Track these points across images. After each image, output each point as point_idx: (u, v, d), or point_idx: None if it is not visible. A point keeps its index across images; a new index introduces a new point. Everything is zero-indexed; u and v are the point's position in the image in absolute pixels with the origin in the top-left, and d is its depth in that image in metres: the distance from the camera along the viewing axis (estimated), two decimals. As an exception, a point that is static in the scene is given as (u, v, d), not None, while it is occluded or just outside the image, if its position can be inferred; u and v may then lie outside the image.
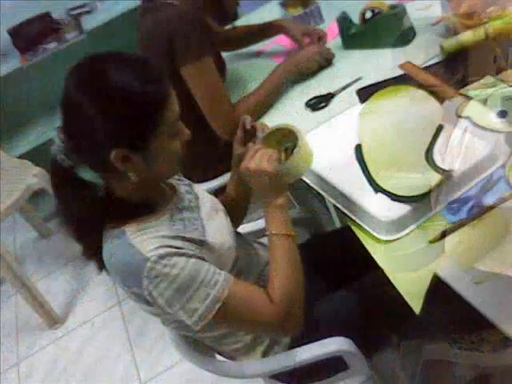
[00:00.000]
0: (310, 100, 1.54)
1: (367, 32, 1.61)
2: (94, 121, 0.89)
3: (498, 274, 0.91)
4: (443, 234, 1.01)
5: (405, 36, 1.56)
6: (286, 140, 1.14)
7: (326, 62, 1.65)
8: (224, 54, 1.81)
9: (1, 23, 2.71)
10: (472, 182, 1.08)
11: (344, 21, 1.65)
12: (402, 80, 1.41)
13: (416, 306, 0.96)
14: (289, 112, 1.57)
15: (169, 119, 0.93)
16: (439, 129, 1.18)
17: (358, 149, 1.24)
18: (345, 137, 1.30)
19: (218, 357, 1.23)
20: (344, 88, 1.53)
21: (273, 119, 1.56)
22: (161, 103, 0.92)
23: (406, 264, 1.01)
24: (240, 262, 1.11)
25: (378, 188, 1.13)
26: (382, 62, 1.55)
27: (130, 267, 0.93)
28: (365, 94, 1.42)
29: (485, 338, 1.07)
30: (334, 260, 1.37)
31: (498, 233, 0.97)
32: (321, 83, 1.61)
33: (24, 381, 2.28)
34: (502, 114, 1.17)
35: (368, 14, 1.63)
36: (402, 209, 1.06)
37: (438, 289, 0.96)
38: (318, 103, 1.52)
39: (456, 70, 1.37)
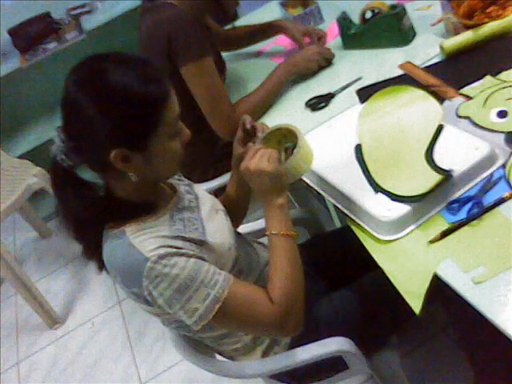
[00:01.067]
0: (310, 100, 1.54)
1: (367, 32, 1.61)
2: (93, 121, 0.89)
3: (498, 273, 0.91)
4: (443, 234, 1.01)
5: (405, 36, 1.57)
6: (286, 140, 1.14)
7: (326, 62, 1.65)
8: (224, 54, 1.81)
9: (1, 23, 2.72)
10: (472, 182, 1.08)
11: (344, 21, 1.65)
12: (402, 80, 1.41)
13: (416, 306, 0.95)
14: (289, 112, 1.57)
15: (169, 119, 0.93)
16: (439, 129, 1.18)
17: (358, 149, 1.24)
18: (345, 137, 1.30)
19: (218, 357, 1.23)
20: (344, 88, 1.53)
21: (273, 119, 1.56)
22: (161, 103, 0.92)
23: (406, 264, 1.01)
24: (240, 262, 1.11)
25: (377, 188, 1.12)
26: (381, 62, 1.55)
27: (130, 267, 0.93)
28: (365, 94, 1.42)
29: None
30: (334, 260, 1.37)
31: (498, 233, 0.97)
32: (321, 83, 1.61)
33: (24, 381, 2.28)
34: (502, 114, 1.17)
35: (368, 14, 1.63)
36: (402, 209, 1.06)
37: (438, 289, 0.96)
38: (318, 103, 1.52)
39: (456, 70, 1.38)
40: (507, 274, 0.90)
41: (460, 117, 1.23)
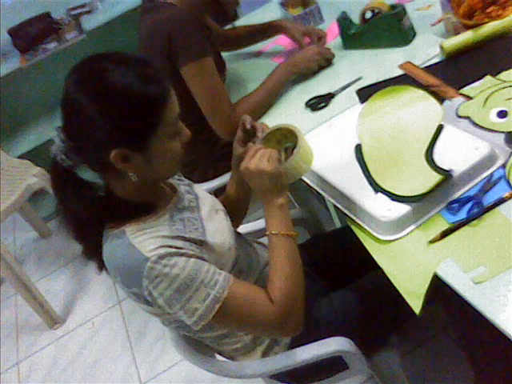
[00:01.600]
0: (310, 100, 1.54)
1: (367, 32, 1.61)
2: (93, 121, 0.89)
3: (498, 273, 0.91)
4: (443, 234, 1.01)
5: (405, 36, 1.57)
6: (286, 140, 1.14)
7: (326, 62, 1.65)
8: (224, 54, 1.81)
9: (1, 23, 2.72)
10: (472, 182, 1.08)
11: (344, 21, 1.65)
12: (402, 80, 1.41)
13: (416, 306, 0.96)
14: (289, 112, 1.57)
15: (169, 119, 0.93)
16: (439, 129, 1.18)
17: (358, 149, 1.24)
18: (345, 137, 1.30)
19: (218, 357, 1.23)
20: (344, 88, 1.53)
21: (273, 119, 1.56)
22: (161, 103, 0.92)
23: (406, 264, 1.01)
24: (240, 262, 1.11)
25: (377, 188, 1.13)
26: (381, 62, 1.55)
27: (130, 267, 0.93)
28: (365, 94, 1.42)
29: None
30: (334, 260, 1.37)
31: (498, 233, 0.97)
32: (321, 83, 1.60)
33: (24, 381, 2.28)
34: (502, 114, 1.17)
35: (368, 14, 1.63)
36: (402, 209, 1.06)
37: (438, 289, 0.96)
38: (318, 103, 1.52)
39: (456, 70, 1.38)
40: (507, 274, 0.90)
41: (460, 117, 1.23)
